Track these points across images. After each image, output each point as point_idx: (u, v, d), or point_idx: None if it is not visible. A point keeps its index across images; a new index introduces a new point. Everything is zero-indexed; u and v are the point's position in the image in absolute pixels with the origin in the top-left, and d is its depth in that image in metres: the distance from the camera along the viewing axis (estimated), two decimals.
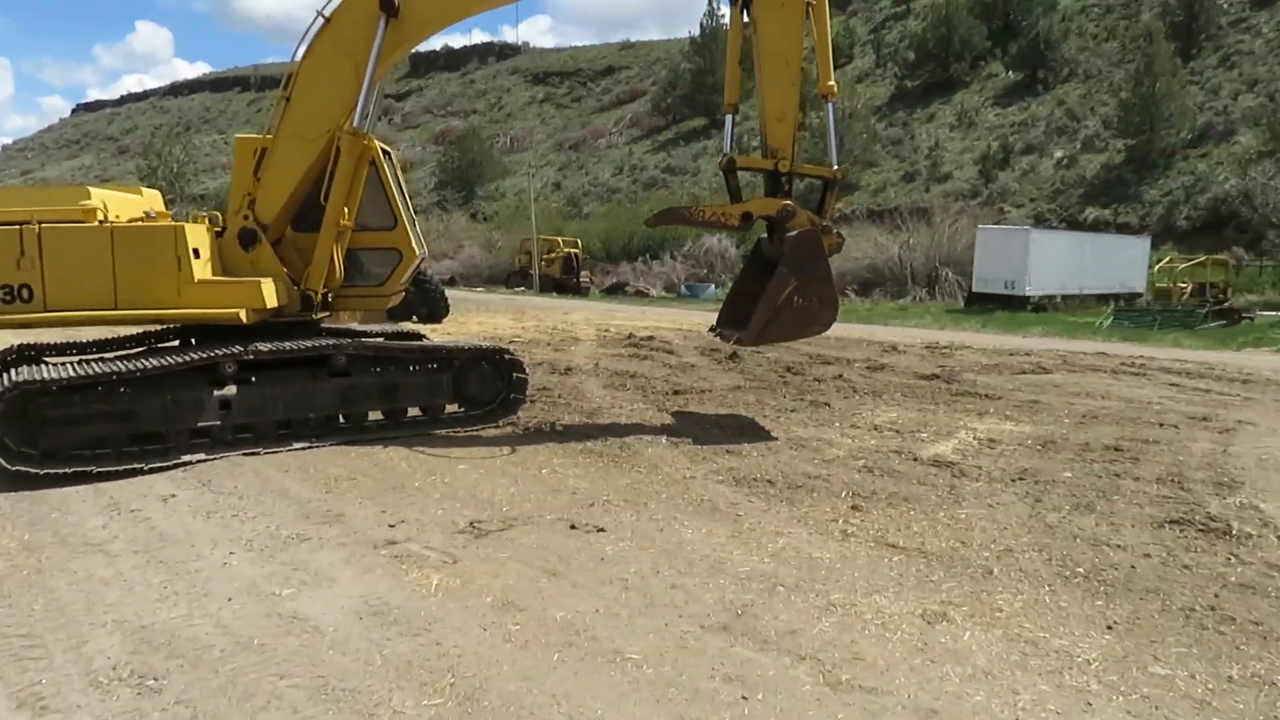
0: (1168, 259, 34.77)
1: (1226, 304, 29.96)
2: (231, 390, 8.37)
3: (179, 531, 6.25)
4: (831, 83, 9.74)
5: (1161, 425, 10.04)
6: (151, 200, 9.31)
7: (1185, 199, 47.95)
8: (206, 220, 8.91)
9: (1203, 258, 33.41)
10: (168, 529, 6.31)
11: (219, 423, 8.34)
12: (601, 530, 6.27)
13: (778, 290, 9.00)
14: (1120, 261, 36.48)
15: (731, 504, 6.93)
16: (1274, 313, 31.53)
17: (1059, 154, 56.54)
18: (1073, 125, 58.84)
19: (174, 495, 7.13)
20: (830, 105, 9.94)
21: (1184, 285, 30.89)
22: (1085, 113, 59.40)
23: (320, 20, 8.92)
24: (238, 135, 9.92)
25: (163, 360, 8.02)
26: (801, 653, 4.41)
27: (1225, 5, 65.09)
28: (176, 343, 9.62)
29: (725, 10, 10.06)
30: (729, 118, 10.25)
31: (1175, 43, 58.56)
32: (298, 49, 9.02)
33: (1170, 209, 47.95)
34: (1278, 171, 41.86)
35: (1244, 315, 28.93)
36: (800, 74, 9.56)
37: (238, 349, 8.29)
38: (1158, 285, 32.11)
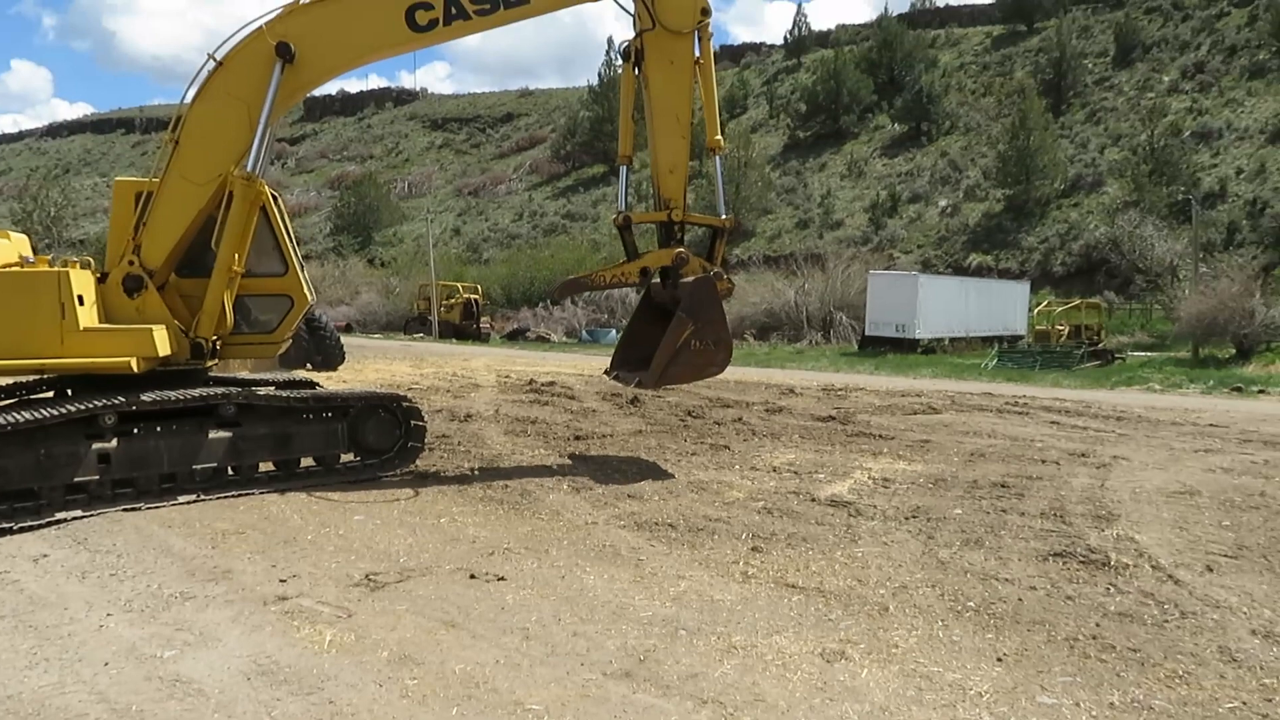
0: (1045, 303, 36.56)
1: (1100, 345, 31.63)
2: (111, 443, 7.98)
3: (51, 594, 5.89)
4: (719, 137, 10.12)
5: (1044, 462, 10.47)
6: (20, 245, 8.88)
7: (1060, 246, 50.68)
8: (78, 265, 8.53)
9: (1077, 301, 35.24)
10: (39, 591, 5.94)
11: (97, 478, 7.93)
12: (502, 579, 6.17)
13: (676, 334, 9.23)
14: (1002, 305, 38.21)
15: (633, 549, 6.92)
16: (1144, 353, 33.40)
17: (943, 203, 59.15)
18: (955, 175, 61.72)
19: (46, 555, 6.73)
20: (718, 158, 10.31)
21: (1061, 328, 32.47)
22: (966, 164, 62.41)
23: (212, 63, 8.74)
24: (117, 178, 9.59)
25: (36, 413, 7.59)
26: (704, 697, 4.41)
27: (1090, 65, 69.58)
28: (50, 393, 9.15)
29: (622, 63, 10.58)
30: (623, 169, 10.57)
31: (1046, 99, 62.37)
32: (188, 91, 8.82)
33: (1047, 255, 50.60)
34: (1142, 220, 44.58)
35: (1116, 356, 30.59)
36: (690, 128, 9.90)
37: (120, 400, 7.92)
38: (1037, 328, 33.69)
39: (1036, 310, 35.16)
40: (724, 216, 10.18)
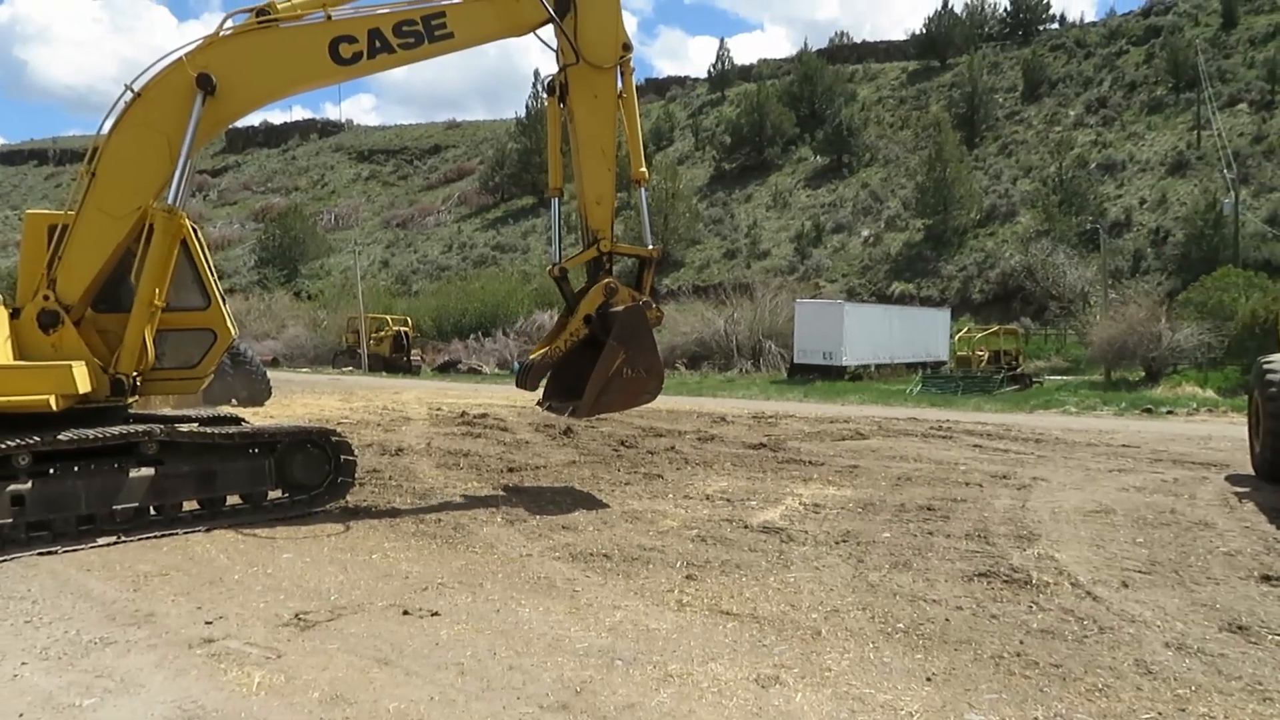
0: (965, 329, 37.59)
1: (1019, 370, 32.61)
2: (25, 484, 7.69)
3: None
4: (643, 169, 10.27)
5: (968, 484, 10.76)
6: None
7: (978, 274, 52.27)
8: None
9: (996, 328, 36.30)
10: None
11: (10, 520, 7.63)
12: (436, 614, 6.11)
13: (608, 363, 9.33)
14: (925, 332, 39.17)
15: (568, 580, 6.91)
16: (1060, 377, 34.54)
17: (865, 232, 60.60)
18: (876, 206, 63.34)
19: None
20: (643, 190, 10.50)
21: (981, 353, 33.40)
22: (887, 194, 64.11)
23: (130, 94, 8.58)
24: (29, 210, 9.33)
25: None
26: None
27: (1001, 100, 72.23)
28: None
29: (547, 98, 10.71)
30: (554, 201, 10.82)
31: (961, 132, 64.55)
32: (104, 122, 8.64)
33: (965, 283, 52.14)
34: (1054, 249, 46.26)
35: (1034, 380, 31.55)
36: (615, 160, 10.08)
37: (34, 440, 7.65)
38: (959, 354, 34.59)
39: (957, 337, 36.13)
40: (650, 247, 10.34)
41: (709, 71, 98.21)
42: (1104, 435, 16.06)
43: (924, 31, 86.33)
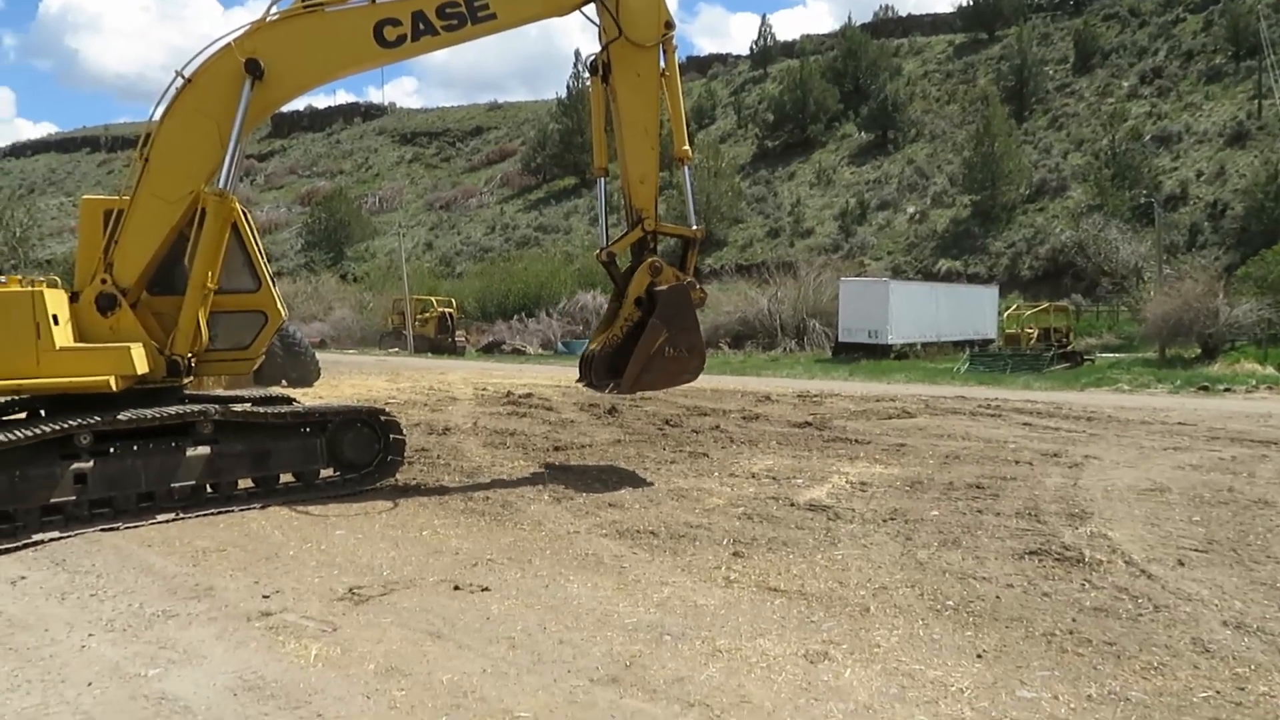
0: (1014, 306, 37.00)
1: (1069, 347, 32.06)
2: (87, 463, 7.92)
3: (30, 615, 5.84)
4: (686, 147, 10.24)
5: (1017, 462, 10.63)
6: None
7: (1027, 250, 51.34)
8: (44, 284, 8.46)
9: (1045, 305, 35.69)
10: (17, 613, 5.89)
11: (74, 498, 7.86)
12: (486, 589, 6.19)
13: (650, 341, 9.38)
14: (972, 310, 38.63)
15: (616, 556, 6.96)
16: (1112, 354, 33.90)
17: (911, 209, 59.76)
18: (922, 182, 62.40)
19: (24, 577, 6.67)
20: (686, 169, 10.43)
21: (1030, 331, 32.88)
22: (933, 170, 63.12)
23: (181, 80, 8.72)
24: (85, 197, 9.53)
25: (10, 434, 7.52)
26: (690, 700, 4.46)
27: (1051, 72, 70.63)
28: (23, 415, 9.06)
29: (589, 77, 10.76)
30: (600, 181, 10.90)
31: (1009, 106, 63.23)
32: (156, 108, 8.79)
33: (1014, 260, 51.24)
34: (1106, 224, 45.27)
35: (1085, 357, 31.02)
36: (659, 139, 10.07)
37: (95, 419, 7.87)
38: (1007, 331, 34.08)
39: (1006, 314, 35.59)
40: (694, 227, 10.30)
41: (751, 48, 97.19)
42: (1158, 413, 15.75)
43: (971, 3, 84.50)
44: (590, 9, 9.67)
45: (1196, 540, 7.17)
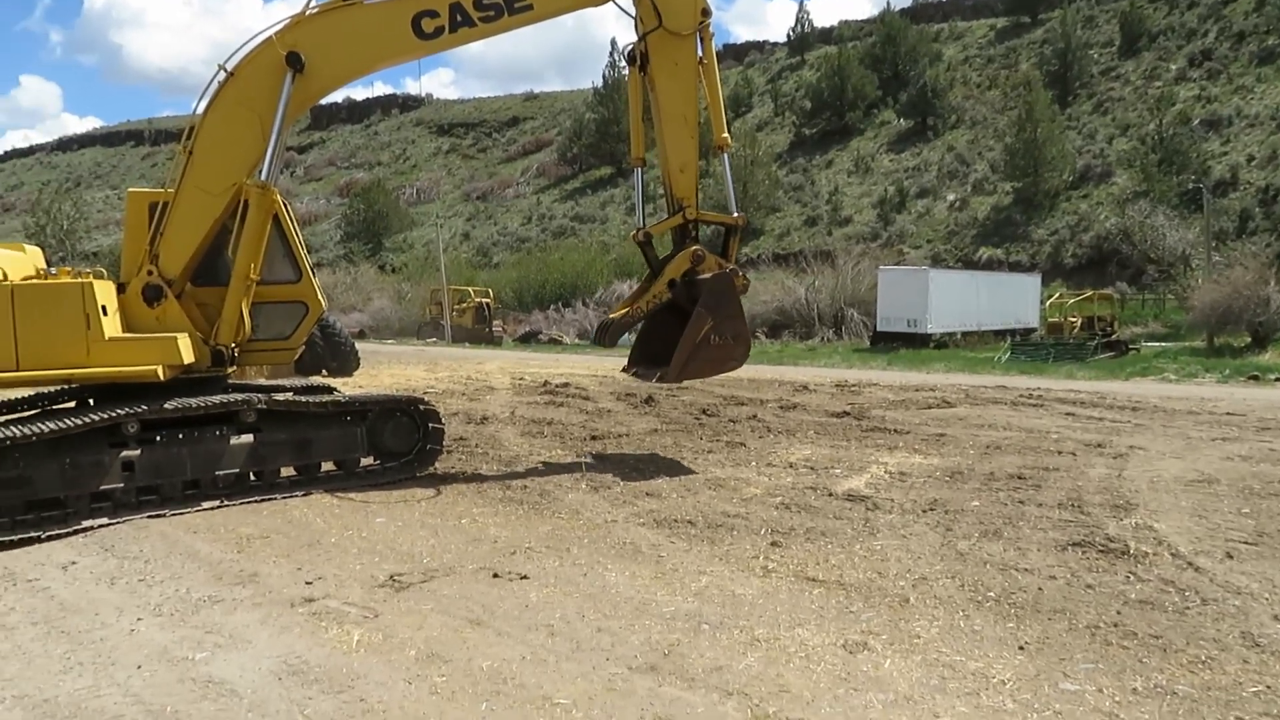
0: (1057, 295, 36.42)
1: (1114, 336, 31.52)
2: (135, 451, 8.08)
3: (81, 600, 5.98)
4: (725, 135, 10.19)
5: (1060, 453, 10.48)
6: (34, 258, 9.00)
7: (1070, 237, 50.50)
8: (90, 276, 8.63)
9: (1089, 293, 35.08)
10: (69, 598, 6.03)
11: (122, 485, 8.02)
12: (525, 577, 6.23)
13: (696, 329, 9.39)
14: (1014, 298, 38.07)
15: (653, 545, 6.97)
16: (1158, 343, 33.28)
17: (951, 197, 59.00)
18: (963, 169, 61.56)
19: (74, 562, 6.83)
20: (725, 156, 10.42)
21: (1074, 320, 32.34)
22: (974, 157, 62.24)
23: (223, 74, 8.84)
24: (130, 189, 9.70)
25: (61, 422, 7.69)
26: (729, 689, 4.46)
27: (1096, 55, 69.28)
28: (73, 403, 9.26)
29: (626, 67, 10.81)
30: (637, 171, 10.88)
31: (1052, 91, 62.13)
32: (199, 102, 8.93)
33: (1057, 247, 50.43)
34: (1152, 210, 44.38)
35: (1130, 346, 30.46)
36: (698, 127, 10.05)
37: (142, 408, 8.02)
38: (1050, 320, 33.55)
39: (1049, 302, 35.03)
40: (735, 214, 10.29)
41: (788, 35, 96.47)
42: (1206, 403, 15.44)
43: None
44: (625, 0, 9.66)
45: (1246, 532, 7.02)
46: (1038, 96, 55.85)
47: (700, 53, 9.84)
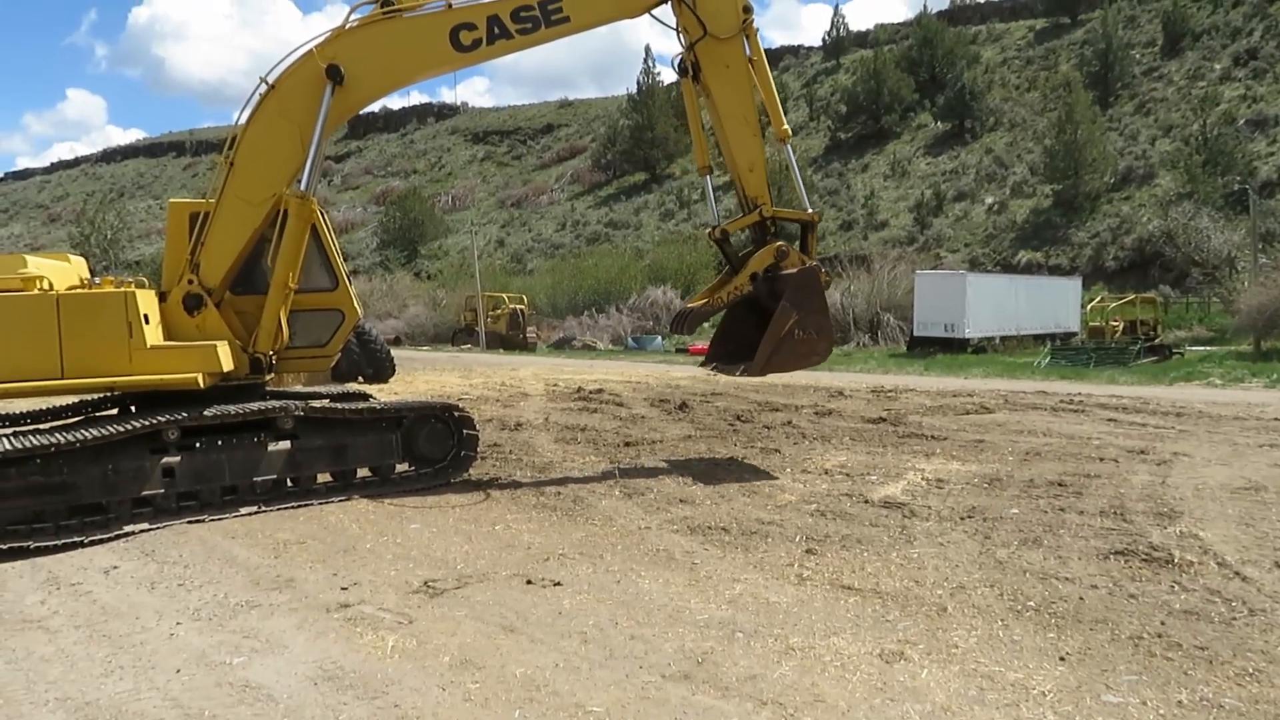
0: (1099, 298, 35.86)
1: (1157, 340, 30.95)
2: (175, 457, 8.19)
3: (122, 604, 6.07)
4: (785, 127, 10.22)
5: (1102, 460, 10.30)
6: (79, 268, 9.18)
7: (1112, 240, 49.73)
8: (134, 286, 8.78)
9: (1132, 296, 34.50)
10: (110, 601, 6.12)
11: (162, 491, 8.14)
12: (558, 584, 6.23)
13: (781, 323, 9.44)
14: (1054, 302, 37.55)
15: (687, 553, 6.94)
16: (1203, 348, 32.64)
17: (989, 200, 58.36)
18: (1001, 172, 60.88)
19: (116, 567, 6.93)
20: (789, 148, 10.43)
21: (1115, 323, 31.82)
22: (1013, 160, 61.54)
23: (264, 86, 8.96)
24: (171, 200, 9.87)
25: (103, 429, 7.82)
26: (763, 698, 4.42)
27: (1138, 55, 68.27)
28: (115, 410, 9.41)
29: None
30: (706, 180, 10.96)
31: (1093, 92, 61.32)
32: (241, 113, 9.07)
33: (1098, 250, 49.68)
34: (1196, 212, 43.58)
35: (1174, 351, 29.90)
36: (759, 125, 10.10)
37: (183, 415, 8.14)
38: (1091, 324, 33.03)
39: (1089, 306, 34.49)
40: (809, 211, 10.36)
41: (823, 39, 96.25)
42: (1253, 408, 15.09)
43: None
44: (661, 10, 9.72)
45: None
46: (1078, 98, 55.14)
47: (748, 50, 9.84)
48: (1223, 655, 4.78)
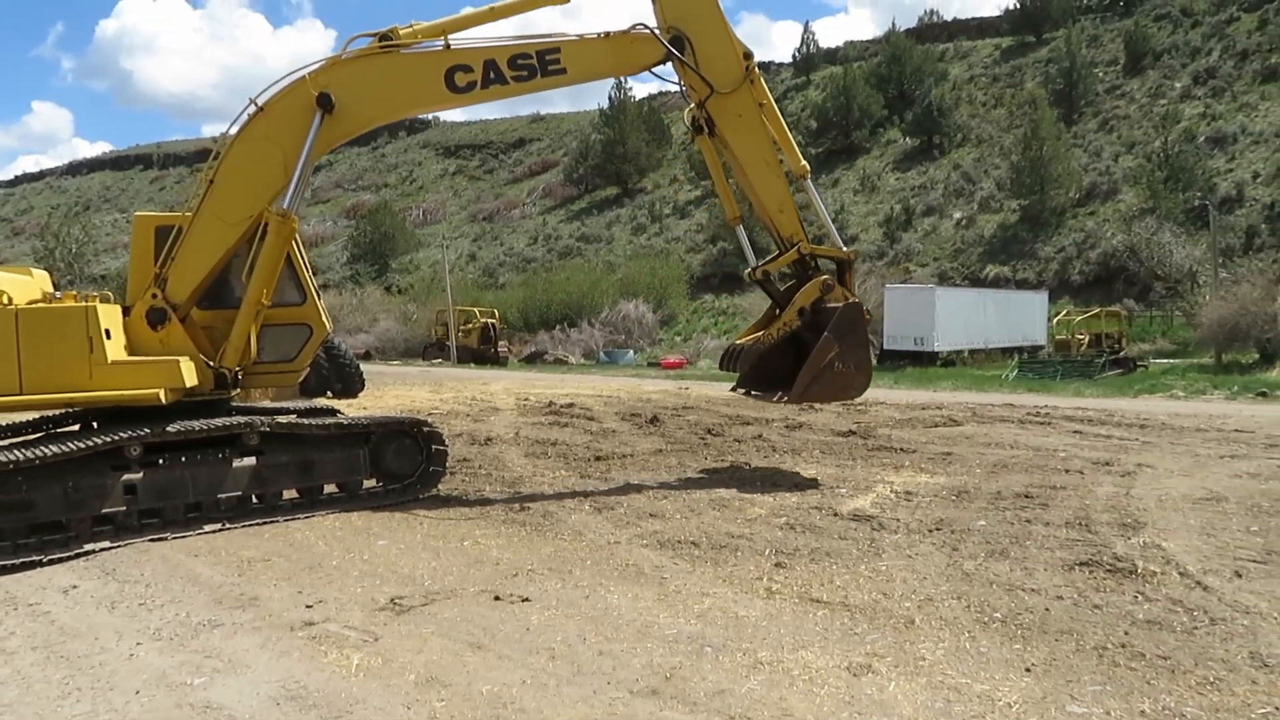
0: (1065, 312, 36.37)
1: (1122, 353, 31.43)
2: (137, 474, 8.06)
3: (81, 624, 5.96)
4: (803, 164, 10.39)
5: (1067, 471, 10.40)
6: (41, 282, 9.05)
7: (1077, 255, 50.44)
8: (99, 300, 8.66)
9: (1097, 310, 35.01)
10: (69, 622, 6.01)
11: (124, 508, 8.01)
12: (526, 600, 6.19)
13: (823, 354, 9.64)
14: (1021, 316, 38.04)
15: (656, 567, 6.92)
16: (1166, 360, 33.16)
17: (958, 215, 59.03)
18: (969, 187, 61.61)
19: (75, 586, 6.81)
20: (809, 184, 10.57)
21: (1081, 337, 32.27)
22: (980, 175, 62.29)
23: (254, 108, 8.92)
24: (137, 213, 9.76)
25: (63, 446, 7.69)
26: (731, 712, 4.40)
27: (1101, 74, 69.49)
28: (76, 426, 9.27)
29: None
30: (739, 230, 11.11)
31: (1058, 109, 62.29)
32: (228, 131, 9.06)
33: (1064, 264, 50.37)
34: (1159, 227, 44.31)
35: (1138, 364, 30.38)
36: (780, 166, 10.25)
37: (145, 431, 8.02)
38: (1057, 337, 33.49)
39: (1056, 320, 34.97)
40: (844, 249, 10.58)
41: (793, 56, 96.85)
42: (1215, 420, 15.34)
43: (1018, 6, 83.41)
44: (661, 67, 9.85)
45: (1254, 551, 6.95)
46: (1043, 114, 55.98)
47: (755, 94, 9.97)
48: (1184, 664, 4.83)
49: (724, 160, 10.54)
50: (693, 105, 10.13)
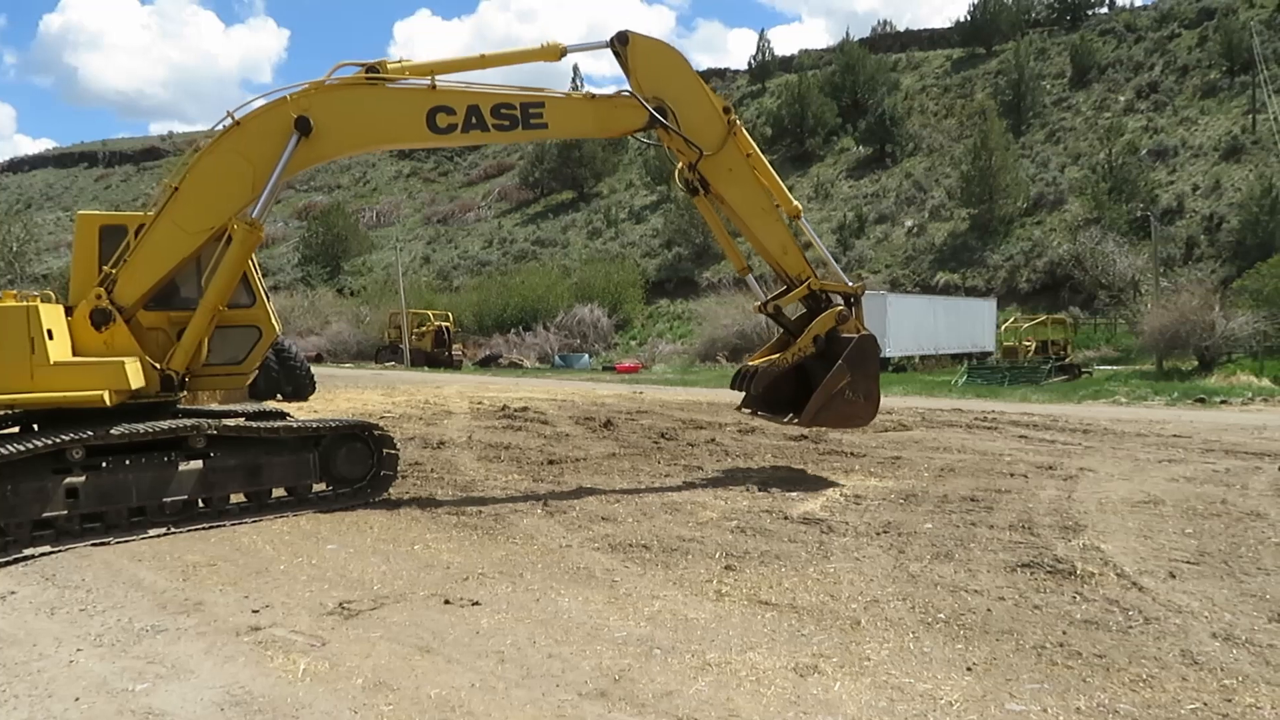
0: (1012, 319, 37.06)
1: (1067, 360, 32.10)
2: (79, 477, 7.90)
3: (19, 631, 5.83)
4: (795, 204, 10.69)
5: (1012, 475, 10.63)
6: None
7: (1025, 263, 51.47)
8: (40, 300, 8.48)
9: (1043, 318, 35.73)
10: (6, 628, 5.87)
11: (65, 512, 7.84)
12: (476, 604, 6.18)
13: (834, 381, 9.84)
14: (970, 323, 38.70)
15: (607, 570, 6.95)
16: (1110, 367, 33.93)
17: (909, 223, 59.91)
18: (920, 196, 62.57)
19: (13, 592, 6.65)
20: (804, 222, 10.79)
21: (1028, 344, 32.90)
22: (931, 184, 63.30)
23: (230, 121, 8.81)
24: (80, 211, 9.57)
25: (2, 448, 7.50)
26: (679, 714, 4.45)
27: (1048, 86, 70.98)
28: (15, 429, 9.05)
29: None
30: (749, 279, 11.56)
31: (1007, 120, 63.51)
32: (201, 142, 8.95)
33: (1012, 273, 51.36)
34: (1103, 237, 45.35)
35: (1083, 370, 31.06)
36: (776, 208, 10.50)
37: (87, 434, 7.86)
38: (1005, 344, 34.12)
39: (1004, 327, 35.63)
40: (850, 284, 10.80)
41: (749, 63, 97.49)
42: (1154, 425, 15.75)
43: (969, 19, 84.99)
44: (644, 132, 10.02)
45: (1188, 552, 7.16)
46: (992, 125, 57.06)
47: (741, 146, 10.16)
48: (1119, 662, 4.97)
49: (722, 214, 10.81)
50: (682, 167, 10.32)
